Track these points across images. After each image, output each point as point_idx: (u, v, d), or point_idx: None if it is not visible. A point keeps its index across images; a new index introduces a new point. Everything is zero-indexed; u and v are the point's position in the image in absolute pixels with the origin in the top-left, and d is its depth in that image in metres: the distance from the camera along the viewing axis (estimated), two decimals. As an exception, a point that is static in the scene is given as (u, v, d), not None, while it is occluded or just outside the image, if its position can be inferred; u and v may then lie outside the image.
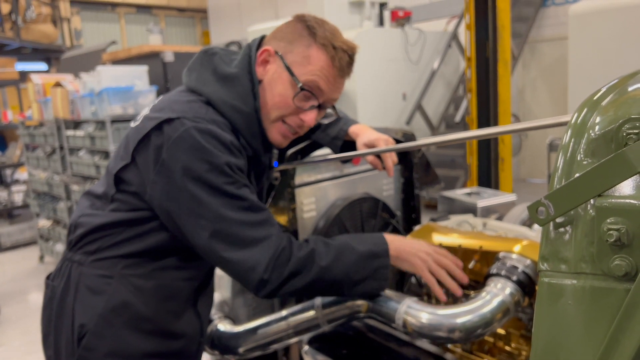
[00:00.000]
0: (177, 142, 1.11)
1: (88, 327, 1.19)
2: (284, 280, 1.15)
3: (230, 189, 1.13)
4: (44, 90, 5.15)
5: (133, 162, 1.18)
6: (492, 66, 5.00)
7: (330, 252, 1.20)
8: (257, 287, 1.15)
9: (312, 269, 1.17)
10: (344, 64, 1.23)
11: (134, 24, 12.67)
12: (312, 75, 1.21)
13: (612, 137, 0.57)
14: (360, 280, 1.22)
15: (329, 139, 1.58)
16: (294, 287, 1.17)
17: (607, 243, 0.54)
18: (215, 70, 1.24)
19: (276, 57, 1.23)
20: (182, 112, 1.15)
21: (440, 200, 2.00)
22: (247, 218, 1.14)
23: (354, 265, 1.21)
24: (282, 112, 1.25)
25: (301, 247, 1.19)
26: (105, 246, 1.21)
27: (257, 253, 1.13)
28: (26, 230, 6.79)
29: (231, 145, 1.15)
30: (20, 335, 4.02)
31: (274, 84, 1.23)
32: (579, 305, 0.56)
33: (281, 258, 1.15)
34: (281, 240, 1.17)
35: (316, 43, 1.20)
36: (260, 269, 1.13)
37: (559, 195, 0.56)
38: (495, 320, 1.15)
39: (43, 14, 9.08)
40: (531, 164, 8.33)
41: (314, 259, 1.18)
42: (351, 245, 1.23)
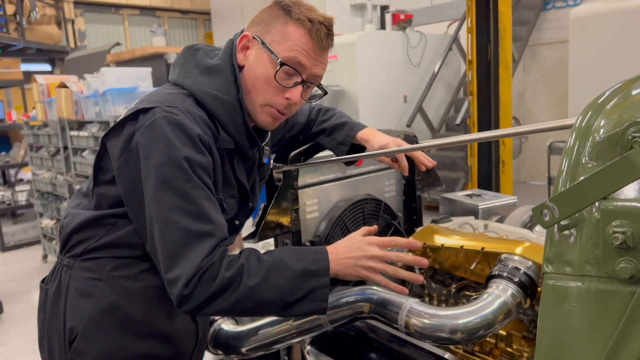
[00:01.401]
0: (145, 131, 1.09)
1: (77, 331, 1.18)
2: (207, 298, 1.07)
3: (182, 186, 1.08)
4: (48, 90, 5.16)
5: (105, 149, 1.18)
6: (493, 69, 5.01)
7: (260, 270, 1.10)
8: (178, 302, 1.07)
9: (239, 288, 1.08)
10: (322, 36, 1.20)
11: (137, 25, 12.68)
12: (291, 50, 1.18)
13: (617, 140, 0.58)
14: (295, 302, 1.11)
15: (334, 144, 1.58)
16: (219, 306, 1.08)
17: (612, 246, 0.54)
18: (198, 63, 1.23)
19: (255, 40, 1.21)
20: (157, 102, 1.13)
21: (441, 202, 2.01)
22: (187, 225, 1.07)
23: (286, 284, 1.10)
24: (267, 93, 1.21)
25: (230, 265, 1.09)
26: (92, 248, 1.20)
27: (184, 266, 1.05)
28: (29, 230, 6.81)
29: (197, 140, 1.11)
30: (23, 335, 4.03)
31: (255, 67, 1.21)
32: (584, 308, 0.56)
33: (206, 275, 1.06)
34: (213, 255, 1.08)
35: (292, 19, 1.18)
36: (182, 283, 1.04)
37: (564, 198, 0.57)
38: (497, 322, 1.16)
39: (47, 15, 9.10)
40: (531, 166, 8.33)
41: (241, 277, 1.08)
42: (285, 262, 1.12)
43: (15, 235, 6.80)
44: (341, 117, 1.61)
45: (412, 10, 7.65)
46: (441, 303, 1.49)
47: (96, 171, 1.21)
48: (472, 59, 5.10)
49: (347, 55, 6.34)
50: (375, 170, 1.88)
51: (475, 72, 5.08)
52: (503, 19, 4.91)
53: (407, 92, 7.01)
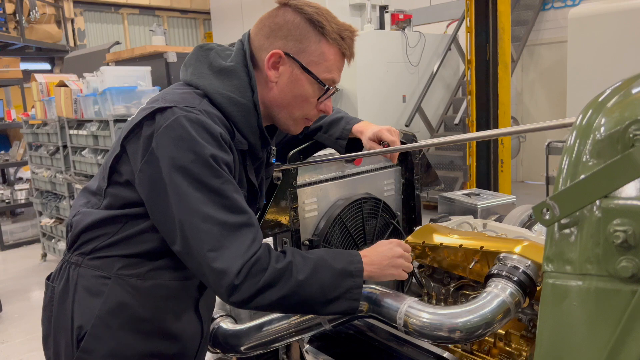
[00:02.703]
0: (166, 131, 1.09)
1: (86, 329, 1.17)
2: (258, 290, 1.09)
3: (213, 182, 1.09)
4: (47, 89, 5.16)
5: (124, 152, 1.17)
6: (492, 69, 5.02)
7: (307, 266, 1.14)
8: (228, 293, 1.08)
9: (290, 281, 1.11)
10: (352, 51, 1.26)
11: (137, 25, 12.67)
12: (329, 71, 1.23)
13: (618, 138, 0.57)
14: (334, 299, 1.16)
15: (332, 139, 1.59)
16: (268, 299, 1.10)
17: (613, 244, 0.54)
18: (212, 64, 1.24)
19: (288, 58, 1.22)
20: (174, 101, 1.13)
21: (440, 201, 2.01)
22: (225, 218, 1.09)
23: (329, 282, 1.15)
24: (305, 110, 1.27)
25: (279, 258, 1.13)
26: (101, 246, 1.20)
27: (231, 256, 1.07)
28: (29, 229, 6.80)
29: (220, 138, 1.12)
30: (22, 333, 4.03)
31: (294, 87, 1.23)
32: (584, 307, 0.56)
33: (257, 266, 1.09)
34: (259, 247, 1.11)
35: (326, 39, 1.21)
36: (232, 274, 1.06)
37: (564, 196, 0.56)
38: (496, 321, 1.15)
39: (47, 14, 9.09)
40: (529, 166, 8.34)
41: (291, 271, 1.12)
42: (327, 261, 1.17)
43: (15, 233, 6.79)
44: (337, 113, 1.63)
45: (411, 10, 7.66)
46: (440, 302, 1.49)
47: (111, 172, 1.20)
48: (471, 59, 5.11)
49: (347, 55, 6.32)
50: (374, 169, 1.88)
51: (474, 71, 5.08)
52: (502, 19, 4.91)
53: (406, 91, 7.02)
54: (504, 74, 5.02)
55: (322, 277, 1.14)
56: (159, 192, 1.10)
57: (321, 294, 1.14)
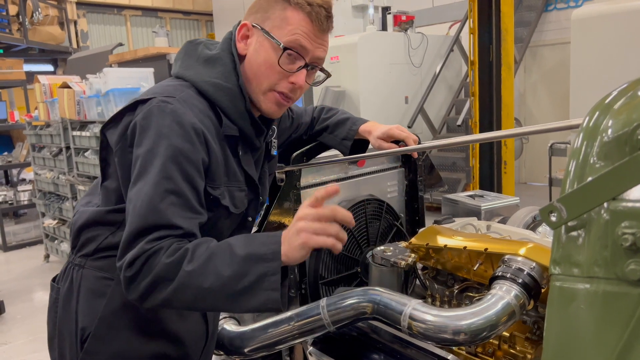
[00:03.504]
0: (140, 121, 1.10)
1: (89, 331, 1.17)
2: (149, 285, 0.99)
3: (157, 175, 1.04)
4: (50, 91, 5.17)
5: (105, 140, 1.19)
6: (495, 70, 5.01)
7: (202, 256, 0.99)
8: (125, 284, 1.01)
9: (177, 274, 0.98)
10: (322, 18, 1.19)
11: (139, 26, 12.71)
12: (292, 34, 1.18)
13: (626, 140, 0.57)
14: (242, 291, 0.99)
15: (337, 140, 1.58)
16: (161, 295, 1.00)
17: (621, 247, 0.53)
18: (199, 56, 1.24)
19: (254, 29, 1.22)
20: (155, 93, 1.14)
21: (444, 203, 2.00)
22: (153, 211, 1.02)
23: (229, 270, 0.98)
24: (271, 79, 1.21)
25: (173, 252, 1.00)
26: (102, 246, 1.19)
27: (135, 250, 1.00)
28: (32, 230, 6.82)
29: (189, 128, 1.09)
30: (25, 334, 4.03)
31: (257, 54, 1.21)
32: (592, 310, 0.55)
33: (150, 261, 0.99)
34: (159, 242, 1.00)
35: (291, 4, 1.19)
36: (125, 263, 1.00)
37: (572, 199, 0.56)
38: (501, 323, 1.15)
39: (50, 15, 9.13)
40: (532, 167, 8.33)
41: (181, 263, 0.98)
42: (232, 246, 1.01)
43: (18, 234, 6.81)
44: (344, 114, 1.63)
45: (414, 11, 7.66)
46: (444, 304, 1.49)
47: (102, 165, 1.22)
48: (474, 60, 5.10)
49: (349, 56, 6.34)
50: (378, 170, 1.88)
51: (477, 73, 5.07)
52: (505, 20, 4.91)
53: (409, 93, 7.02)
54: (507, 75, 5.01)
55: (218, 265, 0.98)
56: (124, 171, 1.12)
57: (220, 285, 0.98)
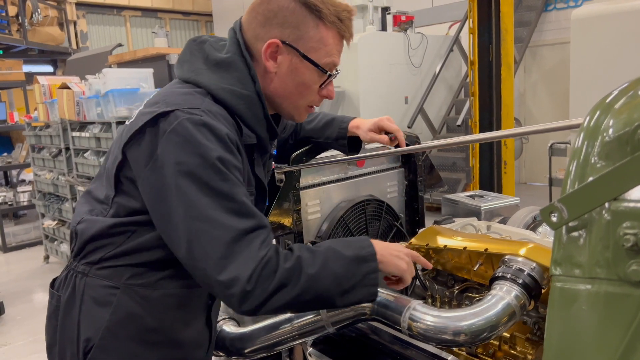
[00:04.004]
0: (170, 136, 1.04)
1: (94, 342, 1.14)
2: (270, 293, 1.04)
3: (221, 186, 1.04)
4: (50, 91, 5.17)
5: (126, 159, 1.12)
6: (495, 70, 5.01)
7: (317, 259, 1.09)
8: (240, 301, 1.03)
9: (300, 278, 1.06)
10: (350, 32, 1.21)
11: (139, 27, 12.70)
12: (329, 56, 1.18)
13: (627, 139, 0.56)
14: (351, 288, 1.11)
15: (331, 141, 1.57)
16: (282, 300, 1.05)
17: (623, 248, 0.53)
18: (207, 57, 1.18)
19: (285, 47, 1.16)
20: (176, 104, 1.08)
21: (444, 203, 2.00)
22: (234, 223, 1.04)
23: (343, 271, 1.10)
24: (308, 98, 1.23)
25: (287, 257, 1.07)
26: (109, 255, 1.16)
27: (242, 263, 1.02)
28: (31, 230, 6.82)
29: (227, 139, 1.07)
30: (25, 335, 4.03)
31: (294, 76, 1.18)
32: (593, 311, 0.55)
33: (267, 269, 1.03)
34: (268, 250, 1.06)
35: (323, 21, 1.16)
36: (243, 281, 1.01)
37: (573, 199, 0.55)
38: (501, 324, 1.14)
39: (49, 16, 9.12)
40: (532, 167, 8.33)
41: (301, 267, 1.06)
42: (337, 250, 1.12)
43: (17, 235, 6.81)
44: (326, 116, 1.61)
45: (413, 11, 7.66)
46: (444, 305, 1.48)
47: (116, 180, 1.15)
48: (473, 60, 5.10)
49: (349, 57, 6.33)
50: (377, 170, 1.88)
51: (477, 72, 5.07)
52: (505, 20, 4.91)
53: (408, 93, 7.02)
54: (507, 75, 5.01)
55: (334, 267, 1.09)
56: (164, 199, 1.05)
57: (336, 285, 1.09)
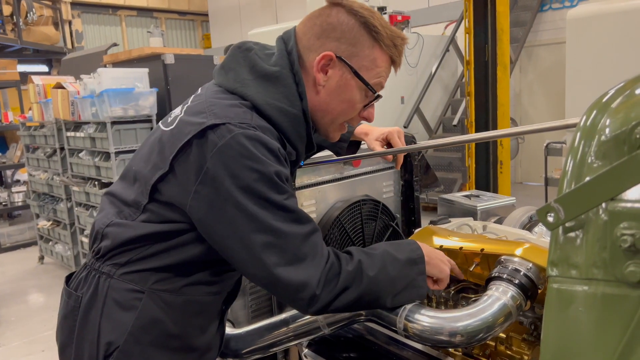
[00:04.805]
0: (223, 150, 1.03)
1: (116, 345, 1.13)
2: (336, 295, 1.09)
3: (279, 199, 1.06)
4: (44, 91, 5.14)
5: (172, 172, 1.10)
6: (491, 70, 5.01)
7: (375, 262, 1.14)
8: (309, 304, 1.08)
9: (362, 280, 1.11)
10: (401, 60, 1.24)
11: (134, 26, 12.68)
12: (378, 77, 1.20)
13: (624, 139, 0.56)
14: (403, 289, 1.17)
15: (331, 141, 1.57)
16: (345, 301, 1.11)
17: (620, 248, 0.52)
18: (254, 68, 1.16)
19: (339, 61, 1.16)
20: (226, 117, 1.06)
21: (440, 203, 1.99)
22: (297, 230, 1.07)
23: (398, 273, 1.16)
24: (349, 115, 1.24)
25: (348, 260, 1.13)
26: (136, 259, 1.15)
27: (309, 268, 1.07)
28: (26, 231, 6.79)
29: (279, 153, 1.08)
30: (19, 336, 4.01)
31: (342, 91, 1.19)
32: (590, 312, 0.54)
33: (331, 272, 1.09)
34: (328, 253, 1.11)
35: (379, 44, 1.17)
36: (313, 285, 1.06)
37: (569, 199, 0.55)
38: (497, 325, 1.14)
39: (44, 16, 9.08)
40: (528, 167, 8.35)
41: (362, 270, 1.12)
42: (392, 253, 1.18)
43: (12, 236, 6.78)
44: None
45: (409, 11, 7.65)
46: (440, 305, 1.48)
47: (153, 189, 1.13)
48: (469, 60, 5.10)
49: (345, 56, 6.31)
50: (373, 170, 1.87)
51: (473, 72, 5.07)
52: (501, 20, 4.91)
53: (405, 93, 7.02)
54: (503, 75, 5.02)
55: (390, 270, 1.15)
56: (219, 213, 1.05)
57: (392, 287, 1.15)
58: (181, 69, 4.50)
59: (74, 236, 5.06)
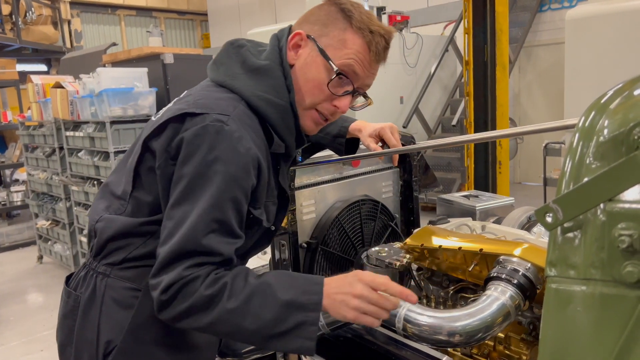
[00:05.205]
0: (190, 135, 1.04)
1: (115, 344, 1.14)
2: (184, 312, 1.01)
3: (206, 198, 1.03)
4: (43, 91, 5.14)
5: (146, 151, 1.12)
6: (490, 70, 5.02)
7: (242, 294, 1.01)
8: (157, 305, 1.03)
9: (215, 309, 1.01)
10: (380, 49, 1.17)
11: (134, 26, 12.67)
12: (347, 59, 1.15)
13: (622, 140, 0.56)
14: (277, 335, 1.02)
15: (329, 138, 1.57)
16: (195, 323, 1.03)
17: (618, 249, 0.52)
18: (244, 62, 1.17)
19: (309, 40, 1.16)
20: (207, 107, 1.07)
21: (439, 203, 1.99)
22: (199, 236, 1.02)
23: (268, 314, 1.01)
24: (315, 98, 1.18)
25: (214, 282, 1.02)
26: (131, 256, 1.15)
27: (169, 273, 1.01)
28: (25, 231, 6.78)
29: (248, 157, 1.06)
30: (18, 336, 4.00)
31: (307, 69, 1.17)
32: (588, 312, 0.55)
33: (187, 288, 1.00)
34: (200, 269, 1.02)
35: (352, 27, 1.14)
36: (159, 289, 1.01)
37: (568, 200, 0.55)
38: (496, 324, 1.14)
39: (43, 15, 9.06)
40: (527, 167, 8.36)
41: (221, 297, 1.01)
42: (273, 288, 1.03)
43: (11, 235, 6.77)
44: None
45: (409, 11, 7.66)
46: (439, 305, 1.48)
47: (135, 175, 1.15)
48: (468, 60, 5.11)
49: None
50: (373, 170, 1.87)
51: (472, 73, 5.08)
52: (500, 20, 4.92)
53: (404, 93, 7.02)
54: (502, 75, 5.02)
55: (258, 307, 1.01)
56: (173, 188, 1.06)
57: (257, 327, 1.01)
58: (180, 69, 4.50)
59: (73, 236, 5.06)
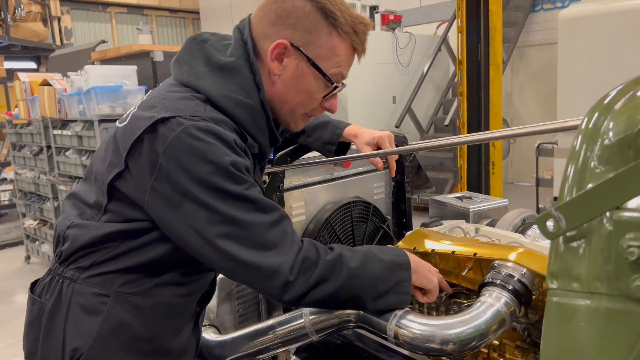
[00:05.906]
0: (175, 144, 0.99)
1: (82, 352, 1.09)
2: (312, 285, 1.05)
3: (237, 190, 1.02)
4: (31, 88, 5.08)
5: (127, 169, 1.06)
6: (483, 69, 5.00)
7: (357, 257, 1.10)
8: (282, 291, 1.03)
9: (342, 273, 1.07)
10: (364, 47, 1.17)
11: (124, 23, 12.57)
12: (338, 66, 1.14)
13: (629, 143, 0.52)
14: (384, 293, 1.11)
15: (319, 144, 1.53)
16: (322, 293, 1.06)
17: (626, 261, 0.49)
18: (209, 59, 1.11)
19: (294, 50, 1.11)
20: (176, 110, 1.02)
21: (431, 205, 1.96)
22: (260, 219, 1.03)
23: (380, 273, 1.11)
24: (308, 107, 1.18)
25: (327, 251, 1.09)
26: (100, 261, 1.10)
27: (280, 255, 1.03)
28: (12, 230, 6.70)
29: (235, 144, 1.04)
30: (6, 337, 3.94)
31: (298, 81, 1.13)
32: (593, 328, 0.51)
33: (308, 261, 1.05)
34: (302, 241, 1.08)
35: (338, 31, 1.11)
36: (285, 271, 1.02)
37: (571, 207, 0.51)
38: (491, 332, 1.11)
39: (33, 12, 8.96)
40: (519, 167, 8.37)
41: (342, 262, 1.08)
42: (375, 253, 1.14)
43: (-2, 235, 6.69)
44: (322, 117, 1.55)
45: (402, 11, 7.65)
46: (432, 311, 1.45)
47: (110, 188, 1.09)
48: (462, 59, 5.09)
49: (337, 55, 6.29)
50: (364, 172, 1.84)
51: (465, 72, 5.06)
52: (494, 19, 4.90)
53: (396, 92, 7.01)
54: (496, 74, 5.01)
55: (372, 268, 1.10)
56: (178, 209, 1.01)
57: (372, 287, 1.10)
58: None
59: (61, 236, 4.99)
